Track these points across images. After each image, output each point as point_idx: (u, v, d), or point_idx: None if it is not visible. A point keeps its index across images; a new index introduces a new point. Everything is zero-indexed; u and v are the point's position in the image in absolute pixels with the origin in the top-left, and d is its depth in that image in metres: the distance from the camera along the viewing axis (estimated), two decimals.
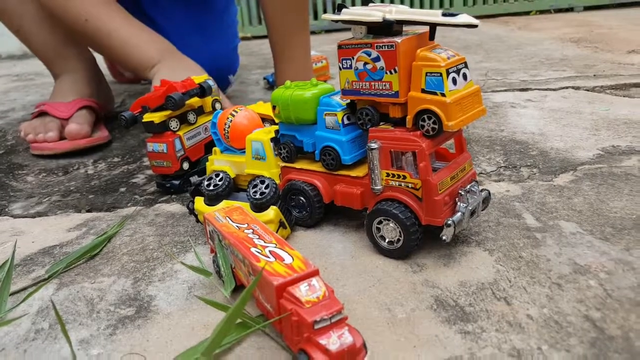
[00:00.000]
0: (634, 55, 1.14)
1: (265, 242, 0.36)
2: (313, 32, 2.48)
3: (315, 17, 2.50)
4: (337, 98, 0.46)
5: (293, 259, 0.33)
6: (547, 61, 1.17)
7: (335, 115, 0.45)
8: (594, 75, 0.99)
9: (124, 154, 0.79)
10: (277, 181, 0.51)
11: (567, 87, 0.93)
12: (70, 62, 0.91)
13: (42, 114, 0.84)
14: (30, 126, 0.83)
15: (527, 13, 2.23)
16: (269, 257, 0.34)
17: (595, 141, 0.65)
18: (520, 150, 0.65)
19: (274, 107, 0.48)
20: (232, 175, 0.56)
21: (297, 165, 0.49)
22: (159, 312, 0.37)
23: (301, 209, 0.49)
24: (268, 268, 0.32)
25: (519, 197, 0.51)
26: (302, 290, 0.30)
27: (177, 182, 0.60)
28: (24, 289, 0.42)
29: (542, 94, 0.91)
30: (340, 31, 2.38)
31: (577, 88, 0.92)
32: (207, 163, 0.59)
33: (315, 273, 0.32)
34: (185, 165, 0.61)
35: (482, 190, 0.43)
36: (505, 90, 0.95)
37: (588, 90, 0.90)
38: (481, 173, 0.59)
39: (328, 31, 2.45)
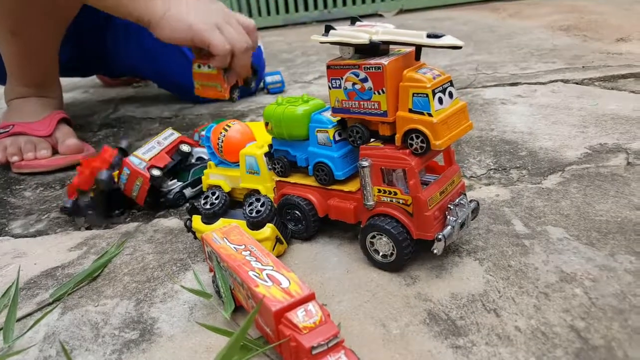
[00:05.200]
0: (622, 43, 1.15)
1: (262, 264, 0.37)
2: (304, 23, 2.46)
3: (306, 8, 2.48)
4: (328, 114, 0.46)
5: (290, 283, 0.34)
6: (537, 52, 1.17)
7: (327, 132, 0.46)
8: (583, 67, 1.00)
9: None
10: (272, 195, 0.52)
11: (556, 81, 0.94)
12: (51, 89, 0.91)
13: (14, 134, 0.83)
14: (14, 146, 0.82)
15: None
16: (266, 281, 0.35)
17: (583, 139, 0.66)
18: (510, 150, 0.66)
19: (266, 124, 0.49)
20: (227, 189, 0.57)
21: (292, 179, 0.50)
22: (162, 335, 0.38)
23: (297, 223, 0.50)
24: (267, 294, 0.33)
25: (508, 202, 0.52)
26: (299, 316, 0.31)
27: (171, 197, 0.61)
28: (30, 314, 0.43)
29: (531, 88, 0.91)
30: (330, 21, 2.36)
31: (567, 81, 0.93)
32: (203, 177, 0.60)
33: (311, 297, 0.33)
34: (156, 172, 0.59)
35: (471, 202, 0.44)
36: (496, 86, 0.96)
37: (577, 84, 0.91)
38: (472, 176, 0.60)
39: (319, 21, 2.44)
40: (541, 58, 1.11)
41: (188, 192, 0.62)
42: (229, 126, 0.57)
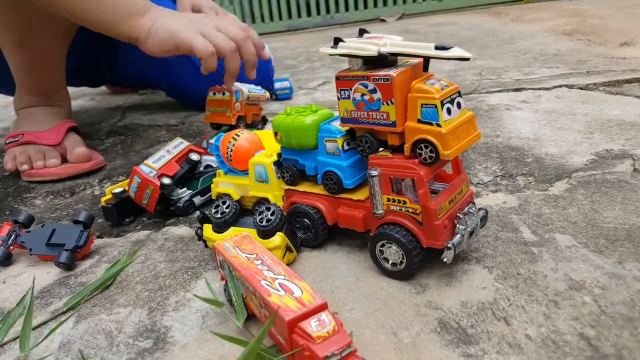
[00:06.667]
0: (626, 48, 1.15)
1: (274, 273, 0.38)
2: (306, 29, 2.48)
3: (309, 14, 2.50)
4: (336, 124, 0.47)
5: (302, 292, 0.35)
6: (541, 57, 1.18)
7: (336, 141, 0.46)
8: (587, 71, 1.00)
9: (128, 173, 0.81)
10: (281, 203, 0.53)
11: (560, 86, 0.94)
12: (59, 97, 0.92)
13: (23, 143, 0.84)
14: (24, 155, 0.83)
15: (520, 0, 2.24)
16: (279, 290, 0.35)
17: (589, 145, 0.67)
18: (516, 157, 0.66)
19: (275, 133, 0.50)
20: (236, 197, 0.58)
21: (300, 188, 0.51)
22: (175, 344, 0.39)
23: (306, 231, 0.50)
24: (280, 304, 0.34)
25: (515, 209, 0.53)
26: (312, 326, 0.32)
27: (180, 205, 0.61)
28: (45, 323, 0.44)
29: (536, 94, 0.92)
30: (332, 26, 2.38)
31: (571, 86, 0.93)
32: (212, 185, 0.61)
33: (324, 307, 0.33)
34: (166, 180, 0.60)
35: (479, 210, 0.45)
36: (500, 91, 0.96)
37: (581, 89, 0.91)
38: (478, 183, 0.60)
39: (322, 27, 2.45)
40: (545, 63, 1.12)
41: (197, 200, 0.63)
42: (238, 135, 0.57)
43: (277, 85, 1.11)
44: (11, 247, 0.55)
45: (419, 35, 1.75)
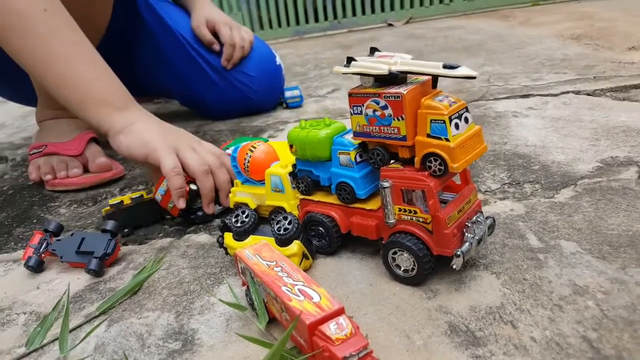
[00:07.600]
0: (634, 52, 1.16)
1: (293, 280, 0.40)
2: (313, 34, 2.51)
3: (316, 19, 2.53)
4: (349, 137, 0.50)
5: (320, 297, 0.38)
6: (548, 62, 1.19)
7: (349, 154, 0.49)
8: (594, 77, 1.02)
9: (147, 182, 0.84)
10: (296, 212, 0.56)
11: (567, 92, 0.96)
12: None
13: (47, 154, 0.88)
14: (47, 165, 0.86)
15: (528, 3, 2.25)
16: (298, 296, 0.38)
17: (595, 152, 0.68)
18: (523, 164, 0.68)
19: (291, 146, 0.53)
20: (253, 206, 0.61)
21: (315, 197, 0.53)
22: (202, 345, 0.42)
23: (321, 238, 0.53)
24: (300, 308, 0.36)
25: (522, 217, 0.55)
26: (331, 329, 0.34)
27: (201, 214, 0.64)
28: (79, 326, 0.47)
29: (543, 100, 0.94)
30: (340, 31, 2.40)
31: (578, 92, 0.95)
32: (230, 194, 0.64)
33: (341, 311, 0.36)
34: (194, 186, 0.63)
35: (487, 218, 0.47)
36: (507, 98, 0.98)
37: (589, 95, 0.93)
38: (486, 191, 0.62)
39: (329, 32, 2.48)
40: (552, 69, 1.13)
41: (216, 209, 0.66)
42: (255, 147, 0.60)
43: (287, 93, 1.14)
44: (43, 255, 0.59)
45: (426, 40, 1.77)
